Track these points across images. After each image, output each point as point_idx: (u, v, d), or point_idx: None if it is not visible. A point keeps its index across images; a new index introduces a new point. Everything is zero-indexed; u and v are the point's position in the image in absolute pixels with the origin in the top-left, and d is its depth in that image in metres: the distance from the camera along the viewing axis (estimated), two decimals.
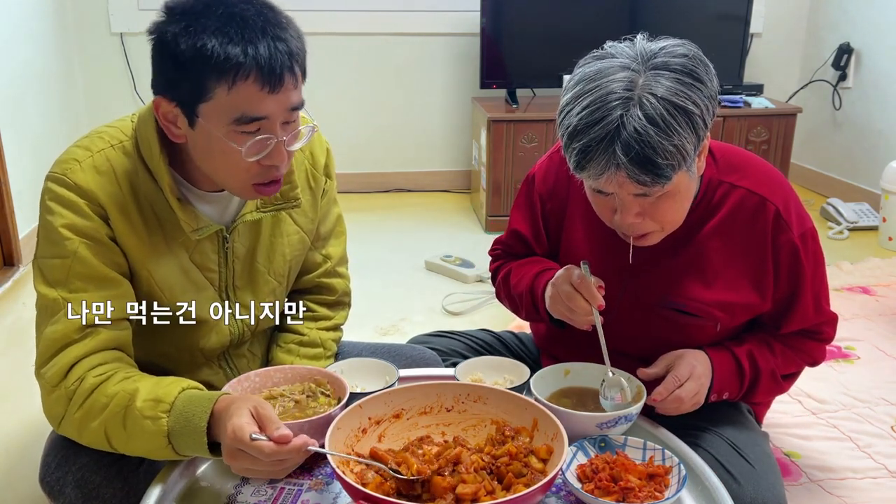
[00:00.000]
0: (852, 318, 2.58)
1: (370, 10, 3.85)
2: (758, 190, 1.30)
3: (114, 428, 1.13)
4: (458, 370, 1.36)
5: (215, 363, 1.39)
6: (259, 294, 1.36)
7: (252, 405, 1.06)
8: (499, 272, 1.56)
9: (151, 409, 1.10)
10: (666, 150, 1.10)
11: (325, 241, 1.48)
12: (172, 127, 1.15)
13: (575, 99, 1.15)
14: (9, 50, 2.99)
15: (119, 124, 1.25)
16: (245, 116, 1.10)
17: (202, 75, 1.07)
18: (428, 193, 4.15)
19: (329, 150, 1.43)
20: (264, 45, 1.07)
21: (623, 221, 1.22)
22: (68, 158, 1.20)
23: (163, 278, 1.25)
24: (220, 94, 1.08)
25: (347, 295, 1.56)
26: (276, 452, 1.03)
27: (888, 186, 3.33)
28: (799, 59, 4.24)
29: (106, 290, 1.18)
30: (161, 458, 1.14)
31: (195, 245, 1.27)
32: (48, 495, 1.24)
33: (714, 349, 1.35)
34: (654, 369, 1.31)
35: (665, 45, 1.17)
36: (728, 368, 1.33)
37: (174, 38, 1.07)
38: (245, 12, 1.08)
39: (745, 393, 1.38)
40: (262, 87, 1.08)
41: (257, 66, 1.07)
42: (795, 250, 1.31)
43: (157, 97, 1.13)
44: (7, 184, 2.88)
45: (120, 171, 1.20)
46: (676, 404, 1.27)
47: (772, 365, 1.37)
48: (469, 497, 1.02)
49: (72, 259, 1.16)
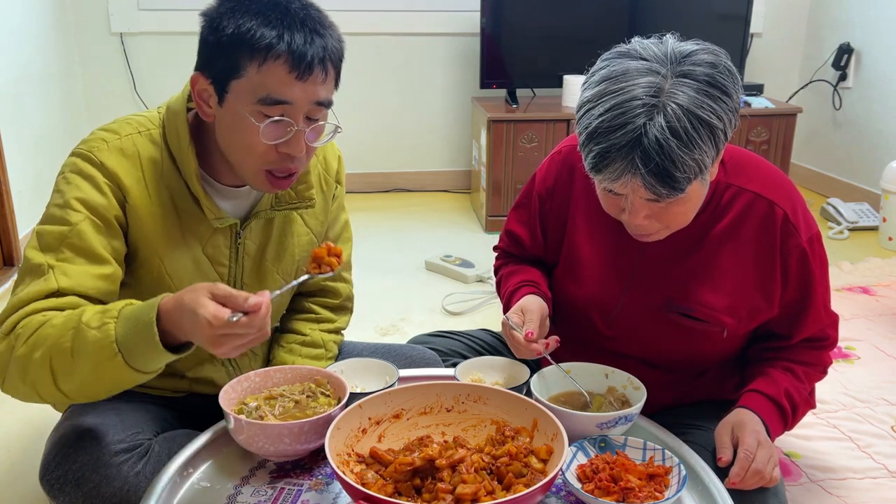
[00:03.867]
0: (852, 318, 2.58)
1: (370, 10, 3.85)
2: (766, 194, 1.29)
3: (58, 354, 1.07)
4: (458, 370, 1.36)
5: (217, 360, 1.40)
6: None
7: (206, 291, 1.02)
8: (497, 273, 1.57)
9: (98, 319, 1.07)
10: (685, 163, 1.09)
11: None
12: (204, 105, 1.19)
13: (598, 98, 1.13)
14: (9, 50, 2.99)
15: (147, 114, 1.30)
16: (270, 97, 1.14)
17: (237, 52, 1.12)
18: (428, 193, 4.15)
19: (341, 157, 1.47)
20: (301, 35, 1.12)
21: (631, 222, 1.22)
22: (95, 138, 1.23)
23: (174, 267, 1.27)
24: (251, 72, 1.13)
25: (350, 300, 1.58)
26: (260, 319, 1.01)
27: (888, 186, 3.33)
28: (799, 59, 4.24)
29: (93, 267, 1.18)
30: (105, 381, 1.09)
31: (209, 238, 1.29)
32: (48, 494, 1.24)
33: (752, 400, 1.31)
34: (726, 455, 1.23)
35: (695, 49, 1.14)
36: (775, 417, 1.31)
37: (219, 17, 1.13)
38: (290, 4, 1.14)
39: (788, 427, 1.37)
40: (290, 71, 1.12)
41: (289, 51, 1.11)
42: (804, 255, 1.30)
43: (195, 73, 1.18)
44: (7, 184, 2.87)
45: (145, 156, 1.24)
46: (757, 478, 1.19)
47: (804, 393, 1.36)
48: (469, 497, 1.02)
49: (71, 230, 1.17)
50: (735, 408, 1.32)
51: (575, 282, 1.41)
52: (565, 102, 3.57)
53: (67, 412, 1.36)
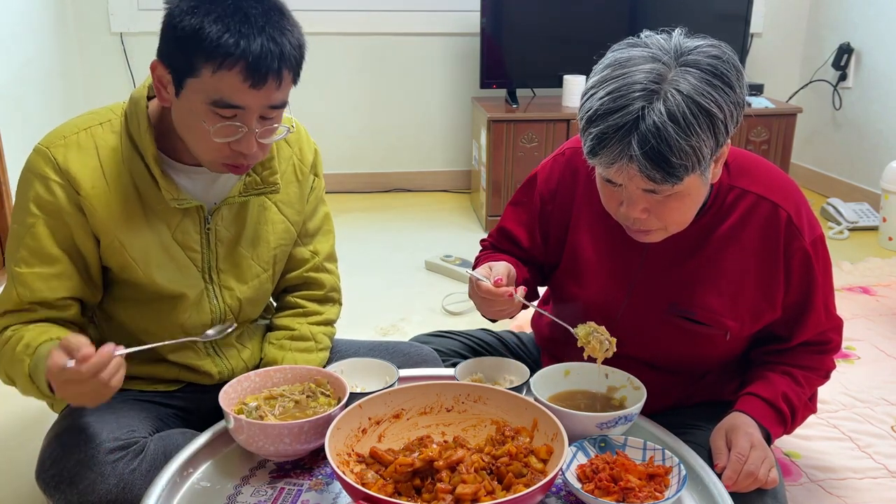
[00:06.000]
0: (852, 318, 2.58)
1: (370, 10, 3.85)
2: (769, 195, 1.29)
3: (10, 369, 1.25)
4: (458, 370, 1.36)
5: (199, 346, 1.42)
6: (243, 278, 1.41)
7: (64, 341, 1.10)
8: (476, 263, 1.53)
9: (22, 353, 1.22)
10: (682, 149, 1.08)
11: (313, 238, 1.52)
12: (163, 91, 1.22)
13: (600, 83, 1.13)
14: (9, 50, 2.99)
15: (113, 105, 1.35)
16: (222, 101, 1.16)
17: (193, 52, 1.14)
18: (428, 193, 4.15)
19: (317, 150, 1.50)
20: (257, 43, 1.13)
21: (628, 215, 1.20)
22: (56, 134, 1.29)
23: (138, 251, 1.30)
24: (205, 75, 1.15)
25: (336, 291, 1.58)
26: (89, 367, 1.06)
27: (888, 186, 3.33)
28: (799, 59, 4.24)
29: (45, 268, 1.26)
30: (37, 395, 1.25)
31: (178, 224, 1.32)
32: (44, 492, 1.25)
33: (747, 403, 1.31)
34: (722, 461, 1.22)
35: (701, 43, 1.15)
36: (772, 420, 1.31)
37: (181, 13, 1.14)
38: (250, 9, 1.14)
39: (788, 430, 1.37)
40: (244, 80, 1.14)
41: (244, 60, 1.13)
42: (808, 257, 1.29)
43: (156, 60, 1.20)
44: (7, 184, 2.87)
45: (103, 146, 1.28)
46: (750, 480, 1.19)
47: (803, 397, 1.36)
48: (469, 497, 1.02)
49: (27, 231, 1.26)
50: (730, 412, 1.32)
51: (577, 284, 1.41)
52: (565, 102, 3.57)
53: (64, 411, 1.36)
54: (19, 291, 1.26)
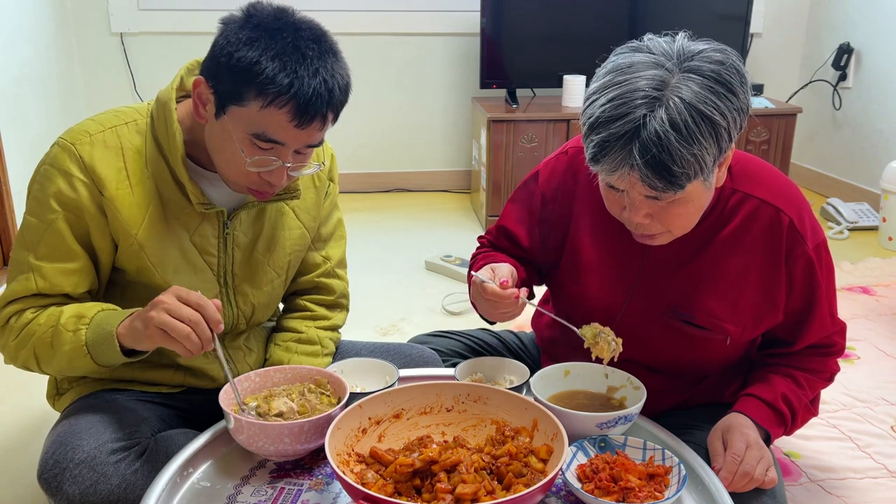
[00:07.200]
0: (852, 318, 2.58)
1: (370, 10, 3.85)
2: (772, 200, 1.28)
3: (42, 348, 1.24)
4: (458, 370, 1.36)
5: (210, 352, 1.40)
6: (258, 283, 1.40)
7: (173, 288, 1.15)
8: (474, 262, 1.52)
9: (73, 324, 1.22)
10: (684, 157, 1.08)
11: (326, 243, 1.52)
12: (201, 108, 1.21)
13: (602, 89, 1.12)
14: (9, 50, 2.99)
15: (137, 105, 1.33)
16: (265, 136, 1.17)
17: (244, 83, 1.13)
18: (428, 193, 4.15)
19: (334, 156, 1.50)
20: (310, 86, 1.13)
21: (631, 220, 1.20)
22: (80, 130, 1.26)
23: (155, 253, 1.29)
24: (253, 107, 1.15)
25: (345, 297, 1.58)
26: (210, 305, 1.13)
27: (888, 186, 3.33)
28: (799, 59, 4.24)
29: (65, 264, 1.26)
30: (79, 370, 1.26)
31: (196, 227, 1.31)
32: (46, 492, 1.24)
33: (746, 404, 1.31)
34: (718, 462, 1.22)
35: (705, 48, 1.13)
36: (771, 421, 1.31)
37: (238, 43, 1.13)
38: (308, 50, 1.14)
39: (788, 432, 1.37)
40: (290, 120, 1.15)
41: (296, 101, 1.13)
42: (810, 263, 1.29)
43: (200, 77, 1.19)
44: (7, 184, 2.87)
45: (128, 146, 1.27)
46: (746, 480, 1.18)
47: (804, 399, 1.36)
48: (469, 497, 1.02)
49: (47, 227, 1.25)
50: (728, 413, 1.32)
51: (578, 285, 1.40)
52: (565, 102, 3.57)
53: (66, 411, 1.36)
54: (38, 283, 1.25)
